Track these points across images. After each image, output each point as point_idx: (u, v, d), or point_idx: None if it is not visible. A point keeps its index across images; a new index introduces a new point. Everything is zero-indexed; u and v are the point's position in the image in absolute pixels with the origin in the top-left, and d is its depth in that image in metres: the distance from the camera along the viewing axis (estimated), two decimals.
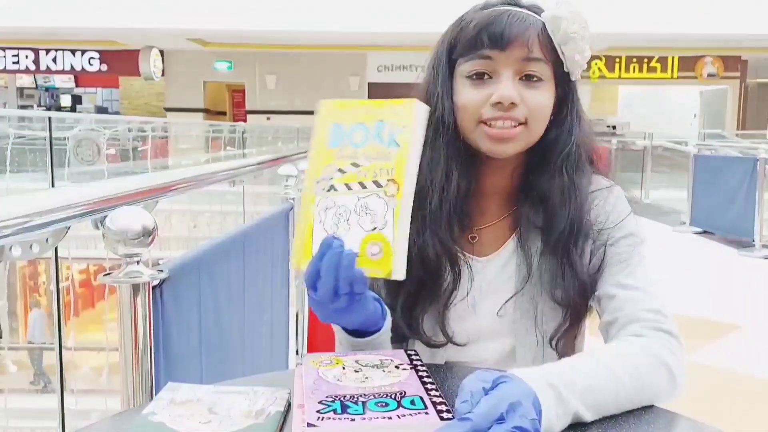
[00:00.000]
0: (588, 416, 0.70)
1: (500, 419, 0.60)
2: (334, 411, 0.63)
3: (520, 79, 0.89)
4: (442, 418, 0.62)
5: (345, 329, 0.86)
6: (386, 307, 0.87)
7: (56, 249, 1.72)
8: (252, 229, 1.77)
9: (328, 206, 0.78)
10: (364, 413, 0.63)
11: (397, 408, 0.64)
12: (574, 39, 0.89)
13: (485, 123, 0.89)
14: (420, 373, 0.74)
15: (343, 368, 0.75)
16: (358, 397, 0.67)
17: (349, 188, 0.79)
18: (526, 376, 0.67)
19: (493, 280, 0.95)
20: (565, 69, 0.92)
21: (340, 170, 0.79)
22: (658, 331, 0.82)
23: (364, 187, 0.78)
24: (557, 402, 0.68)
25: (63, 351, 2.10)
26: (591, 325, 0.97)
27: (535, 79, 0.89)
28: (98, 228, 1.36)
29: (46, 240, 1.16)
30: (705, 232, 6.85)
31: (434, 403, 0.65)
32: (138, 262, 1.07)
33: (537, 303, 0.92)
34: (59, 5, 11.56)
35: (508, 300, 0.94)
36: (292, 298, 2.26)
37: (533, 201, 0.94)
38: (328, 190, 0.79)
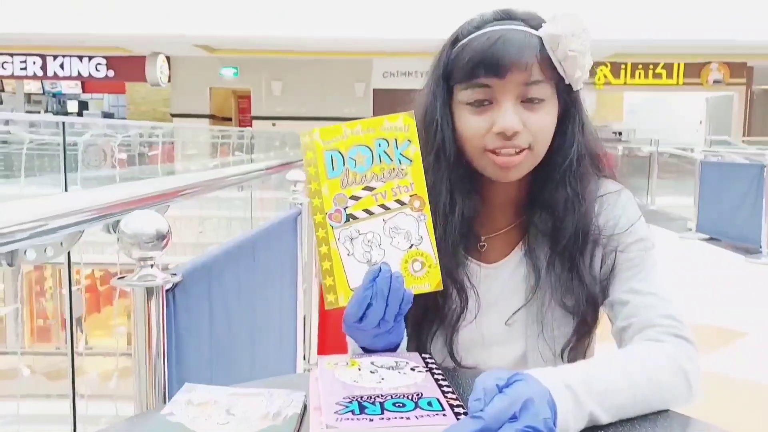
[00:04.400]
0: (605, 418, 0.70)
1: (513, 418, 0.59)
2: (352, 412, 0.64)
3: (521, 101, 0.87)
4: (459, 420, 0.63)
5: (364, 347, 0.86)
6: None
7: (69, 253, 1.72)
8: (261, 233, 1.78)
9: (352, 236, 0.79)
10: (382, 414, 0.63)
11: (415, 409, 0.64)
12: (574, 57, 0.87)
13: (491, 151, 0.88)
14: (435, 376, 0.74)
15: (359, 369, 0.76)
16: (375, 398, 0.67)
17: (371, 213, 0.79)
18: (542, 376, 0.67)
19: (502, 288, 0.95)
20: (566, 82, 0.90)
21: (353, 197, 0.79)
22: (674, 337, 0.83)
23: (386, 208, 0.79)
24: (574, 403, 0.68)
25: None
26: (602, 332, 0.97)
27: (536, 101, 0.87)
28: (110, 232, 1.37)
29: (61, 243, 1.17)
30: (711, 238, 6.83)
31: (451, 406, 0.65)
32: (152, 266, 1.07)
33: (547, 311, 0.92)
34: (66, 12, 11.64)
35: (518, 309, 0.94)
36: (299, 302, 2.27)
37: (540, 210, 0.94)
38: (347, 221, 0.79)
